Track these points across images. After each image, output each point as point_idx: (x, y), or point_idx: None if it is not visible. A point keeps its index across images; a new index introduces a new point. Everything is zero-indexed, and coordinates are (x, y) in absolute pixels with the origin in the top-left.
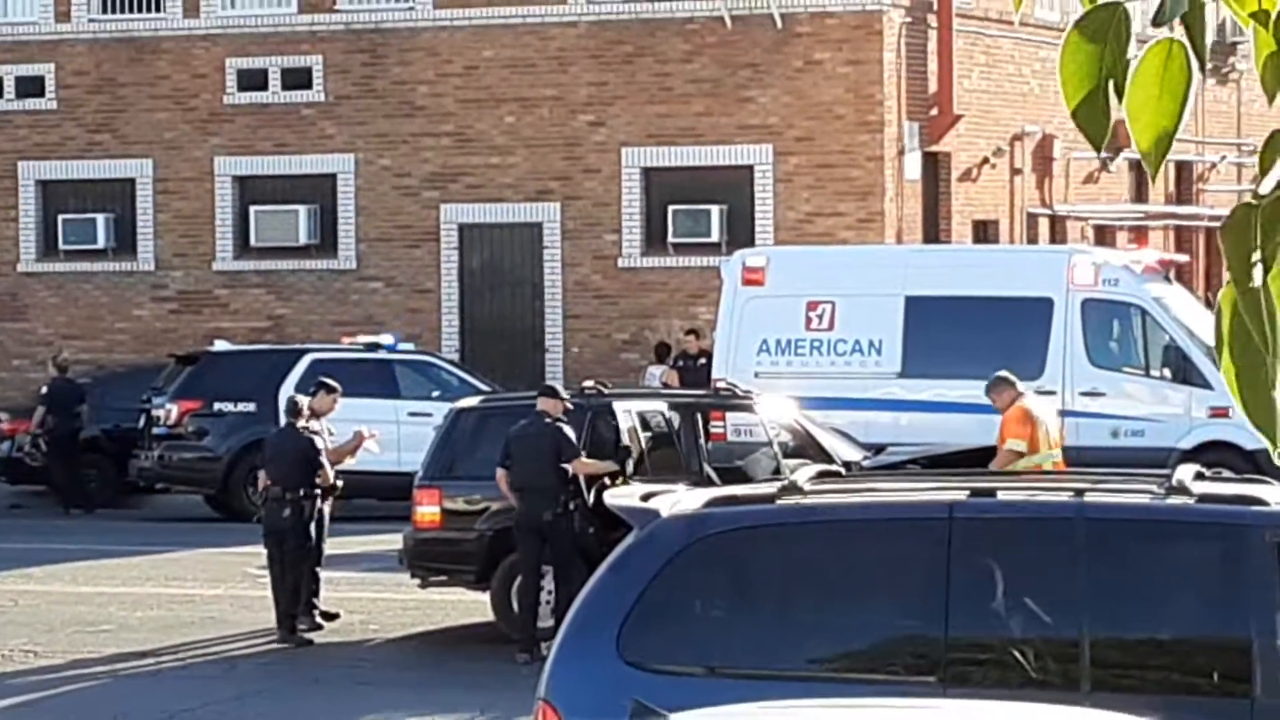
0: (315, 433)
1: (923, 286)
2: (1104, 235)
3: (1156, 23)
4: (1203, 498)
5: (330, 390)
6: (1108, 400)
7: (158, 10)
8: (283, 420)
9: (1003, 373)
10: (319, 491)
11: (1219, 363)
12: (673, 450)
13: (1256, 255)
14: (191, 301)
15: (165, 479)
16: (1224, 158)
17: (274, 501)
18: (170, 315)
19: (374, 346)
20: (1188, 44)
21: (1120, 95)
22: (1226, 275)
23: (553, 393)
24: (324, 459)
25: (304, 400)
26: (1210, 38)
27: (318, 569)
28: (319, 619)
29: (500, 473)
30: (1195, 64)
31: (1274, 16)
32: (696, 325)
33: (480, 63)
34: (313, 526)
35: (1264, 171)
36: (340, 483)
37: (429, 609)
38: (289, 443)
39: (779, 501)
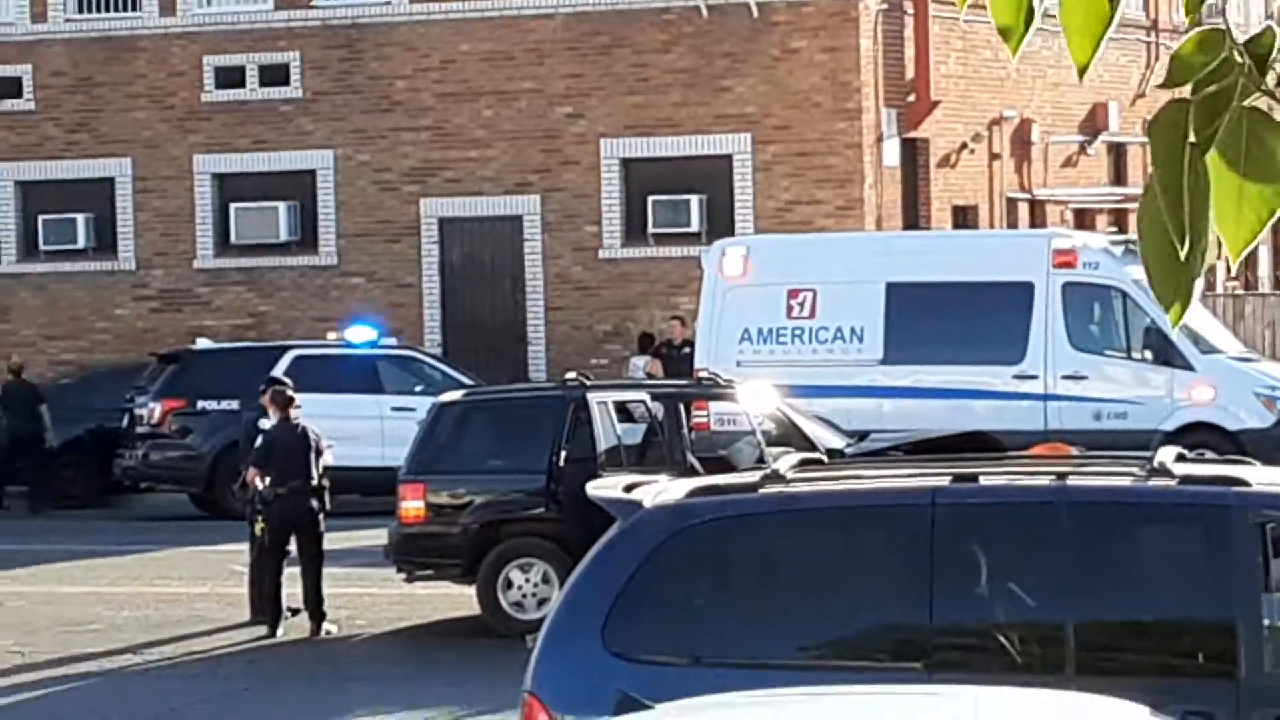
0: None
1: (903, 273)
2: (1084, 219)
3: None
4: (1185, 479)
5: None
6: (1089, 383)
7: (134, 9)
8: (272, 413)
9: None
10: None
11: (1139, 247)
12: (655, 440)
13: (1187, 146)
14: (173, 300)
15: (149, 478)
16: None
17: (295, 495)
18: (152, 314)
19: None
20: None
21: None
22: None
23: None
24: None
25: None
26: None
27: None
28: (287, 612)
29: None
30: None
31: None
32: (680, 314)
33: (457, 56)
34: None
35: (1183, 70)
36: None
37: (415, 603)
38: (298, 434)
39: (762, 491)
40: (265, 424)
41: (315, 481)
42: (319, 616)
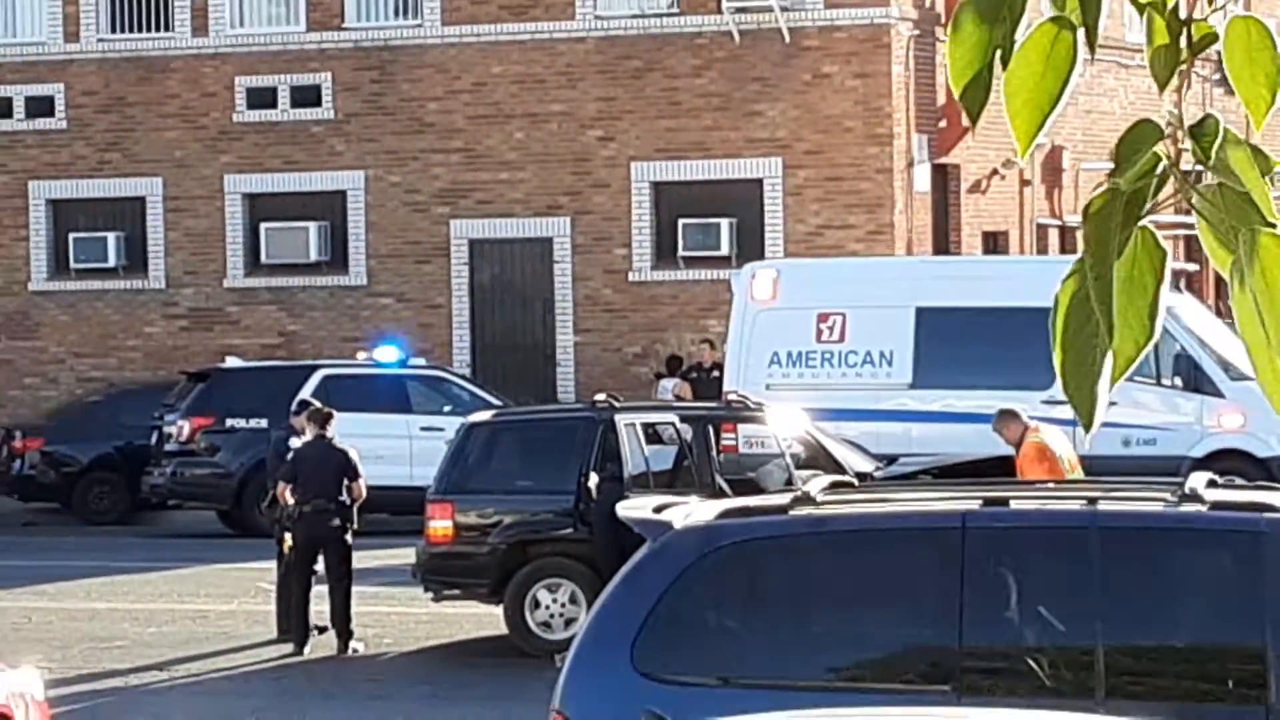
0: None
1: (933, 298)
2: None
3: None
4: (1215, 505)
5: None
6: (1119, 409)
7: (167, 29)
8: (308, 430)
9: (1008, 406)
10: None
11: (1053, 340)
12: (684, 463)
13: (1115, 240)
14: (202, 319)
15: (178, 495)
16: (1198, 172)
17: (319, 513)
18: (181, 332)
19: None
20: (1079, 26)
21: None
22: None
23: None
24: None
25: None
26: (1103, 20)
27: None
28: (314, 630)
29: None
30: (1083, 46)
31: (1169, 6)
32: (710, 336)
33: (489, 79)
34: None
35: (1122, 161)
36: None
37: (442, 623)
38: (329, 453)
39: (792, 512)
40: (295, 443)
41: (343, 500)
42: (346, 635)
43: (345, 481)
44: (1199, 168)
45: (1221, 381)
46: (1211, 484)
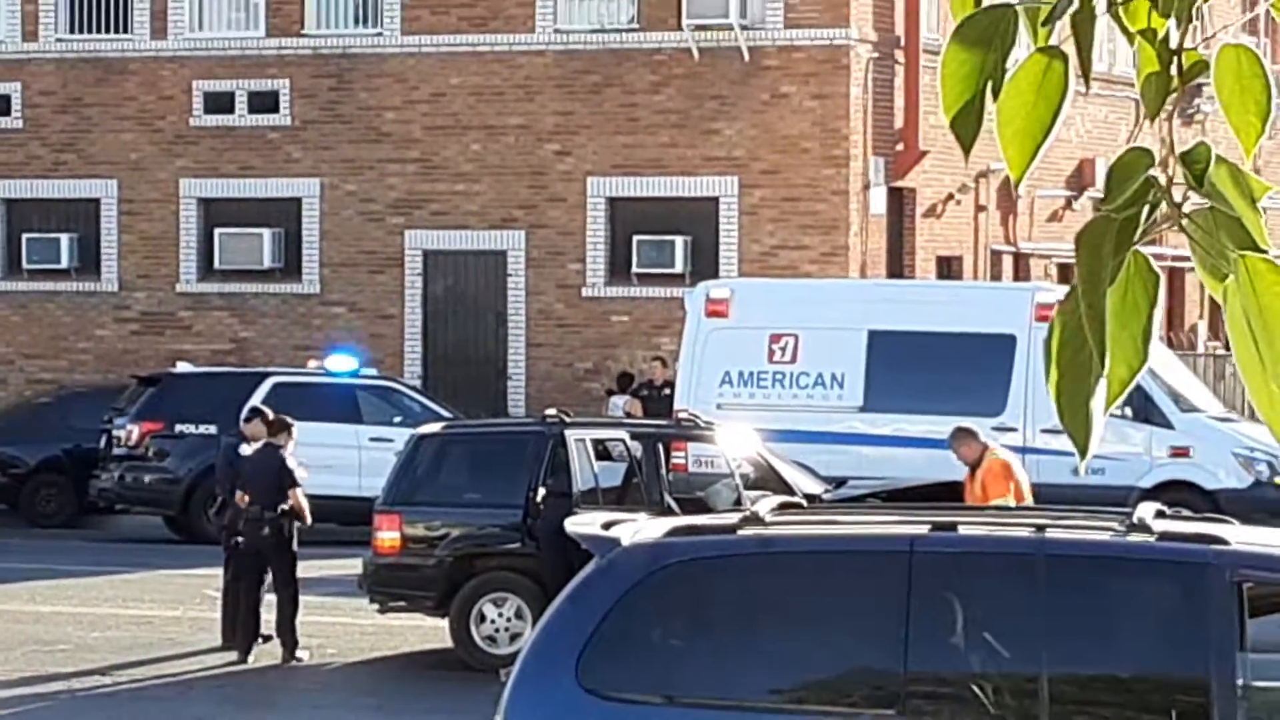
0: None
1: (886, 321)
2: (1068, 273)
3: (1044, 23)
4: (1164, 535)
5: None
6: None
7: (126, 31)
8: (255, 438)
9: (965, 424)
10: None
11: (1046, 370)
12: (634, 480)
13: (1108, 267)
14: (154, 323)
15: (125, 500)
16: (1188, 198)
17: (253, 521)
18: (133, 336)
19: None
20: (1071, 54)
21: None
22: (1073, 282)
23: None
24: (299, 482)
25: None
26: (1096, 50)
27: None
28: (259, 639)
29: None
30: (1075, 75)
31: (1160, 36)
32: (662, 354)
33: (447, 90)
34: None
35: (1113, 188)
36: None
37: (388, 634)
38: (270, 461)
39: (740, 532)
40: (245, 450)
41: (283, 509)
42: (291, 644)
43: (285, 489)
44: (1190, 193)
45: (1171, 413)
46: (1160, 514)
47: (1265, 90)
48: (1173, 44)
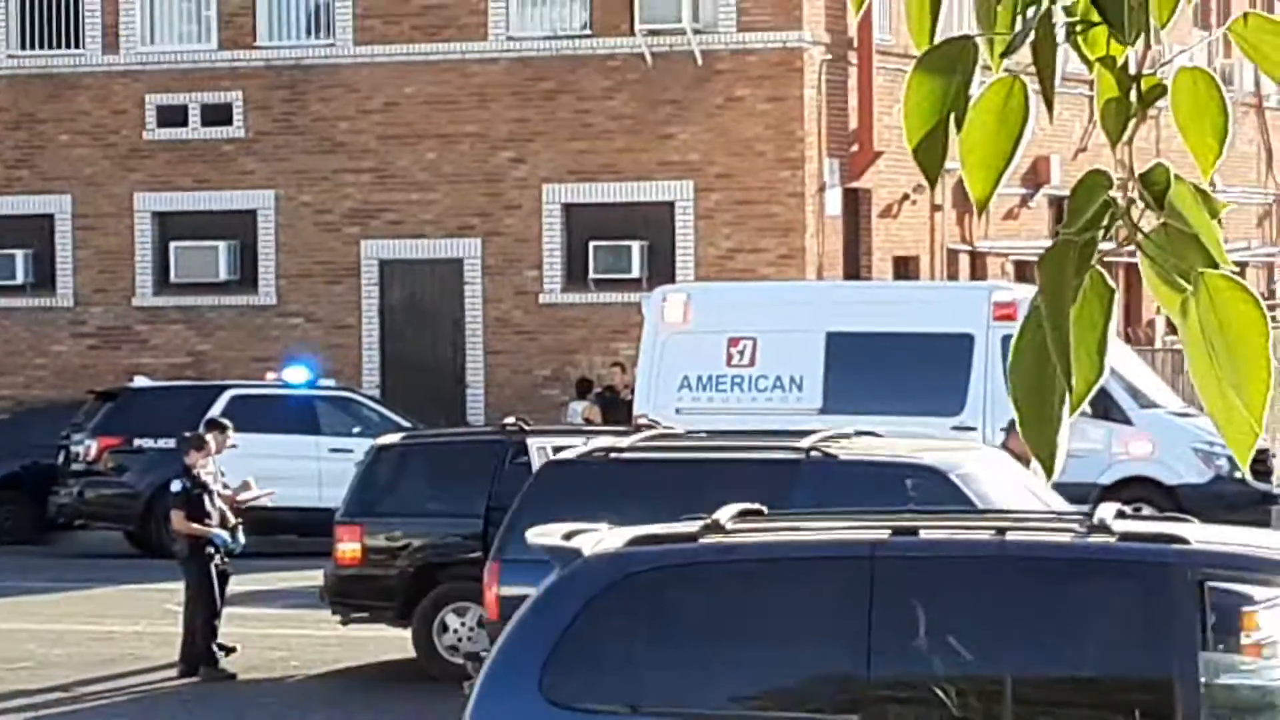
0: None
1: (844, 323)
2: (1024, 271)
3: (1006, 53)
4: (1124, 536)
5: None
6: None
7: (77, 46)
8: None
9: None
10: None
11: (1010, 386)
12: None
13: (1070, 288)
14: (111, 337)
15: (84, 515)
16: (1144, 216)
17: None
18: (90, 351)
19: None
20: (1031, 81)
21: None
22: (1036, 302)
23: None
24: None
25: (210, 436)
26: (1059, 77)
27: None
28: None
29: None
30: (1036, 102)
31: (1119, 63)
32: (620, 359)
33: (401, 99)
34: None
35: (1076, 210)
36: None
37: (350, 645)
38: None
39: (701, 540)
40: (197, 472)
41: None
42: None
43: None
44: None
45: (1130, 409)
46: (1120, 515)
47: (1222, 112)
48: (1131, 70)
